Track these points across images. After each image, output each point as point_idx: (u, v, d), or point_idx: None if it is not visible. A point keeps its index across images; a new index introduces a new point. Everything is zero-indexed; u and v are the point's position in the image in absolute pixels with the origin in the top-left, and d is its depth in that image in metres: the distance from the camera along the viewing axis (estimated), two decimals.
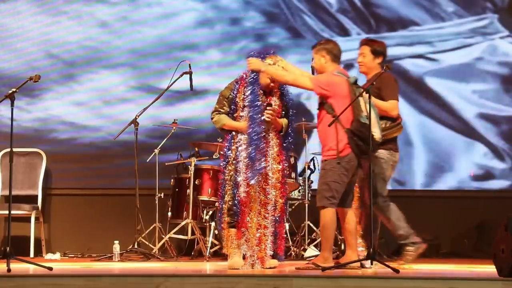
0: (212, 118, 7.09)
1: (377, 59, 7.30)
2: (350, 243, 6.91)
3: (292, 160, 8.78)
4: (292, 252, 8.80)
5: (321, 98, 6.84)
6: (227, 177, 6.97)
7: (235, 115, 6.99)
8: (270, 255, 6.95)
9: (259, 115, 6.87)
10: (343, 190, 6.77)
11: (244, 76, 7.03)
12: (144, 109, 8.83)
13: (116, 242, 8.41)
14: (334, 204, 6.75)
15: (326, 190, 6.75)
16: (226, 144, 7.05)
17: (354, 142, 6.67)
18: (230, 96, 7.03)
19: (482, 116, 9.79)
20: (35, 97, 9.95)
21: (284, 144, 7.05)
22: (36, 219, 9.32)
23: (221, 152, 7.16)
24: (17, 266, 6.58)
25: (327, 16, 10.01)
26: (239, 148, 6.92)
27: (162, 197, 9.19)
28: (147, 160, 9.21)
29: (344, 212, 6.87)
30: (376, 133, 6.67)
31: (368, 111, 6.59)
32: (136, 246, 8.73)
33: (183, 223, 8.98)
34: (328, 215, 6.75)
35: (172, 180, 9.27)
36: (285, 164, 7.01)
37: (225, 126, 7.03)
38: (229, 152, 6.99)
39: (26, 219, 9.23)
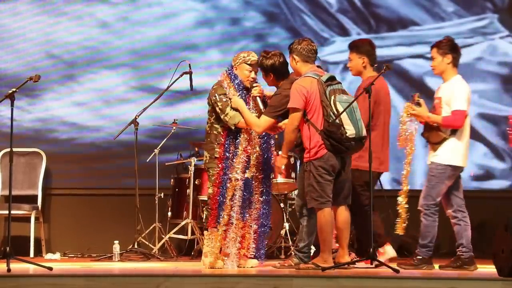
0: (226, 115, 7.10)
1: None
2: (340, 241, 6.93)
3: (292, 160, 8.78)
4: (292, 252, 8.79)
5: None
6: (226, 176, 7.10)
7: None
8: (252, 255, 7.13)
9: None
10: (330, 188, 6.78)
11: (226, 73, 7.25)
12: (144, 109, 8.83)
13: (116, 242, 8.41)
14: (324, 204, 6.76)
15: (312, 191, 6.79)
16: (224, 144, 7.11)
17: (328, 142, 6.70)
18: (223, 92, 7.18)
19: (482, 116, 9.79)
20: (36, 97, 9.95)
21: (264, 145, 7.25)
22: (36, 219, 9.32)
23: (217, 150, 7.18)
24: (17, 266, 6.58)
25: (327, 16, 10.01)
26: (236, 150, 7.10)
27: (162, 197, 9.19)
28: (147, 160, 9.21)
29: (335, 210, 6.88)
30: (349, 130, 6.65)
31: (338, 111, 6.64)
32: (136, 246, 8.73)
33: (183, 223, 8.98)
34: (322, 216, 6.78)
35: (172, 180, 9.27)
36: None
37: (241, 123, 7.10)
38: (227, 153, 7.07)
39: (26, 219, 9.23)
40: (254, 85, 7.27)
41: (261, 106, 7.21)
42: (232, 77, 7.24)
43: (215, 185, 7.15)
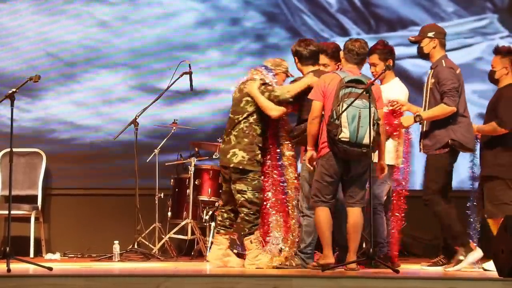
0: (276, 94, 7.14)
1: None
2: (348, 243, 6.92)
3: None
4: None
5: None
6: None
7: None
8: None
9: None
10: (329, 189, 6.78)
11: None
12: (144, 109, 8.83)
13: (116, 242, 8.41)
14: (318, 203, 6.77)
15: (312, 189, 6.87)
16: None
17: (330, 141, 6.71)
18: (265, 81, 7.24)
19: (482, 116, 9.75)
20: (35, 97, 9.95)
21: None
22: (36, 219, 9.32)
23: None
24: (17, 266, 6.58)
25: (327, 16, 10.01)
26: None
27: (162, 197, 9.19)
28: (147, 160, 9.21)
29: (348, 212, 6.88)
30: (345, 132, 6.64)
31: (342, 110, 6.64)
32: (136, 246, 8.72)
33: (183, 223, 8.98)
34: (316, 214, 6.82)
35: (172, 180, 9.27)
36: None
37: (292, 91, 7.13)
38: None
39: (26, 219, 9.22)
40: None
41: None
42: (271, 78, 7.27)
43: (264, 189, 7.20)
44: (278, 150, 7.23)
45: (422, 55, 7.46)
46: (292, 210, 7.19)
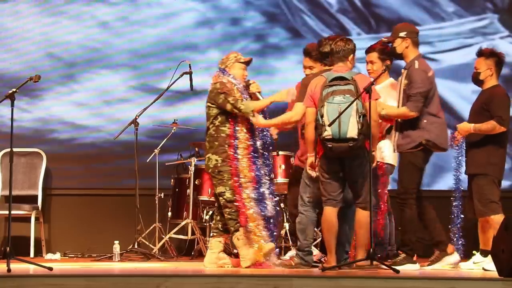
0: (240, 108, 7.14)
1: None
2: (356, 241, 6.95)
3: (292, 160, 8.78)
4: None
5: None
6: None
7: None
8: None
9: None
10: (331, 187, 6.80)
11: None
12: (144, 109, 8.83)
13: (116, 242, 8.41)
14: (326, 202, 6.81)
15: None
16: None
17: (320, 142, 6.76)
18: (231, 88, 7.26)
19: None
20: (35, 97, 9.95)
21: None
22: (36, 219, 9.32)
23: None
24: (17, 266, 6.58)
25: (327, 16, 10.01)
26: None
27: (162, 197, 9.20)
28: (147, 160, 9.21)
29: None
30: (327, 130, 6.63)
31: (322, 112, 6.65)
32: (136, 246, 8.73)
33: (183, 223, 8.98)
34: (323, 214, 6.85)
35: (172, 180, 9.27)
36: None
37: (256, 109, 7.20)
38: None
39: (26, 219, 9.23)
40: (251, 82, 7.44)
41: None
42: (231, 78, 7.29)
43: (235, 186, 7.17)
44: (235, 144, 7.24)
45: (395, 55, 7.50)
46: (248, 201, 7.20)
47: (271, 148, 7.51)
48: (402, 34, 7.34)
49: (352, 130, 6.60)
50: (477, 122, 7.22)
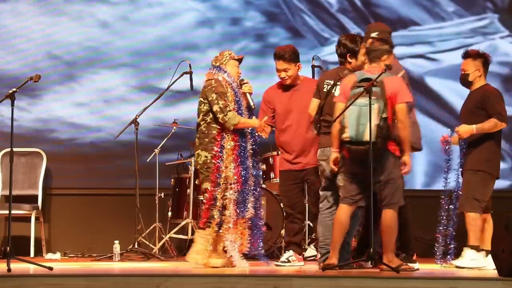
0: (226, 115, 7.12)
1: None
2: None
3: None
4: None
5: None
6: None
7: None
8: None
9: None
10: (349, 186, 6.81)
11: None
12: (144, 109, 8.84)
13: (116, 242, 8.41)
14: (342, 200, 6.84)
15: None
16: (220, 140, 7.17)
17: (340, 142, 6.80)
18: (225, 91, 7.20)
19: None
20: (36, 97, 9.95)
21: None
22: (36, 219, 9.32)
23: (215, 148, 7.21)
24: (17, 266, 6.58)
25: (328, 16, 10.01)
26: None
27: (162, 197, 9.19)
28: (147, 160, 9.21)
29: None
30: (346, 132, 6.63)
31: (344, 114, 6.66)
32: (136, 246, 8.73)
33: (183, 223, 8.99)
34: (337, 211, 6.90)
35: (172, 180, 9.27)
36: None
37: (240, 124, 7.13)
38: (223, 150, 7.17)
39: (26, 219, 9.22)
40: (244, 81, 7.42)
41: (252, 103, 7.36)
42: (226, 75, 7.28)
43: (212, 185, 7.16)
44: (222, 143, 7.23)
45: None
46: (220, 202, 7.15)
47: (257, 149, 7.41)
48: (374, 34, 7.36)
49: (366, 133, 6.60)
50: (471, 123, 7.22)
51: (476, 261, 7.07)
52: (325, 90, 7.15)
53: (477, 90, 7.37)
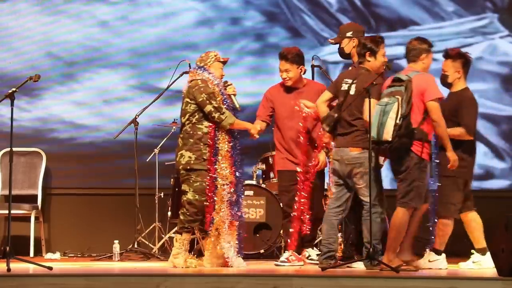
0: (223, 114, 7.12)
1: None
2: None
3: None
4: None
5: None
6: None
7: None
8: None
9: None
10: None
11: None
12: (144, 109, 8.84)
13: (116, 241, 8.41)
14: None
15: None
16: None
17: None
18: (213, 91, 7.23)
19: (482, 116, 9.74)
20: (35, 97, 9.95)
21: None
22: (36, 218, 9.32)
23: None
24: (17, 266, 6.58)
25: (327, 15, 10.01)
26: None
27: (162, 196, 9.19)
28: (147, 160, 9.22)
29: None
30: (370, 132, 6.64)
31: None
32: (136, 246, 8.73)
33: None
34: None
35: (172, 179, 9.27)
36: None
37: (235, 125, 7.14)
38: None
39: (26, 219, 9.22)
40: (228, 83, 7.44)
41: (237, 104, 7.37)
42: (210, 76, 7.28)
43: (209, 188, 7.15)
44: (215, 145, 7.22)
45: (343, 55, 7.53)
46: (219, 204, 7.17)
47: (239, 149, 7.39)
48: (348, 34, 7.37)
49: (387, 132, 6.60)
50: (449, 126, 7.14)
51: (439, 263, 7.08)
52: (343, 88, 7.08)
53: (455, 93, 7.30)
